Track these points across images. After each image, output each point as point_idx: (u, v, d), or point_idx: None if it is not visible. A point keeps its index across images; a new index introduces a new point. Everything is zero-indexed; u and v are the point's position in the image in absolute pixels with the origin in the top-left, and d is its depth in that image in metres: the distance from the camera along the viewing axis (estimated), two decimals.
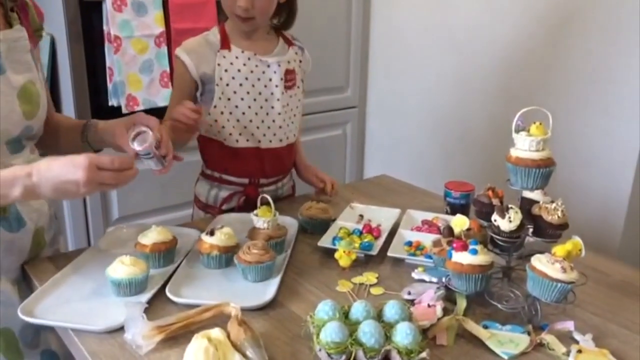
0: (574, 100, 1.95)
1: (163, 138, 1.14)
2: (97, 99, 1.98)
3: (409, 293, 1.07)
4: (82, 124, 1.24)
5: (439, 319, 0.96)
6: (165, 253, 1.16)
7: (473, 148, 2.31)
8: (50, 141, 1.25)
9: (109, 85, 1.96)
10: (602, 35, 1.84)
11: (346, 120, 2.73)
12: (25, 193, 0.98)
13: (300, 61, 1.49)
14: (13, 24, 1.09)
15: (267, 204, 1.23)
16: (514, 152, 1.01)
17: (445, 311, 0.99)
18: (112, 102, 1.97)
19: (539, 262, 0.96)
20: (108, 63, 1.94)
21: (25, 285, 1.15)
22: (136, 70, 1.96)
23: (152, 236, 1.15)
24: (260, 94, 1.41)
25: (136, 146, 1.11)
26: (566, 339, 0.95)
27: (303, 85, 1.51)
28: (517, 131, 1.00)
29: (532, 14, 2.03)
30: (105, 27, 1.91)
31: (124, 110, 1.96)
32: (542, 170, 0.98)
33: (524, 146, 0.99)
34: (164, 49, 1.99)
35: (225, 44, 1.39)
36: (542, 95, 2.04)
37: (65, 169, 0.97)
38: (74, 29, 1.88)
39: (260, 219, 1.21)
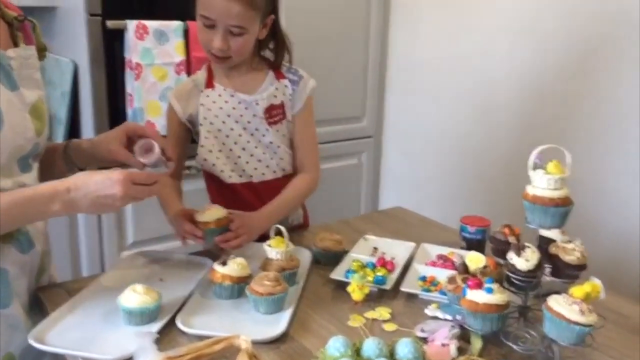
0: (595, 136, 1.93)
1: (162, 142, 1.17)
2: (116, 124, 1.98)
3: (422, 330, 1.05)
4: (62, 146, 1.24)
5: (453, 359, 0.94)
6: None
7: (490, 182, 2.29)
8: (47, 165, 1.22)
9: (129, 111, 1.99)
10: (623, 71, 1.83)
11: (362, 149, 2.74)
12: (64, 208, 1.00)
13: (291, 93, 1.43)
14: (19, 42, 1.10)
15: (281, 234, 1.23)
16: (531, 190, 0.99)
17: (460, 350, 0.97)
18: None
19: (557, 303, 0.94)
20: (128, 89, 1.97)
21: (37, 308, 1.15)
22: (156, 97, 1.99)
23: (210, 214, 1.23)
24: (245, 129, 1.40)
25: (146, 160, 1.14)
26: None
27: (303, 116, 1.45)
28: (534, 168, 0.99)
29: (554, 47, 2.03)
30: (126, 55, 1.94)
31: None
32: (560, 209, 0.97)
33: (541, 184, 0.98)
34: (183, 76, 2.02)
35: (209, 82, 1.40)
36: (561, 132, 2.03)
37: (102, 184, 1.01)
38: (96, 56, 1.92)
39: (273, 249, 1.21)
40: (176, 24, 1.99)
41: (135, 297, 1.04)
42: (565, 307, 0.92)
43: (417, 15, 2.53)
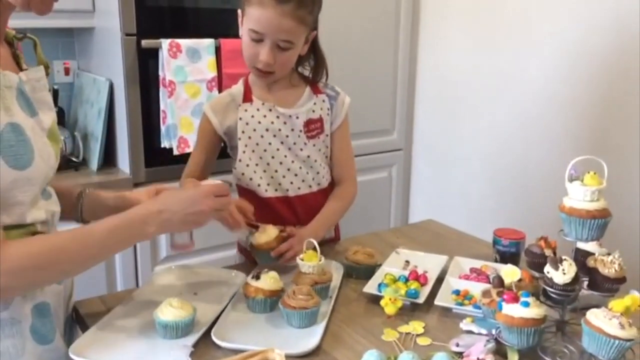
0: (632, 147, 1.89)
1: None
2: (150, 141, 2.05)
3: (457, 345, 1.03)
4: (76, 192, 1.19)
5: None
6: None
7: (523, 195, 2.26)
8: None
9: (162, 128, 2.03)
10: None
11: (392, 162, 2.73)
12: (158, 229, 1.04)
13: (329, 108, 1.45)
14: (21, 63, 1.04)
15: (313, 248, 1.23)
16: (568, 202, 0.98)
17: None
18: (165, 143, 2.04)
19: (595, 317, 0.92)
20: (162, 106, 2.02)
21: (70, 333, 1.15)
22: (188, 114, 2.03)
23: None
24: (282, 143, 1.41)
25: (177, 236, 1.16)
26: None
27: (342, 130, 1.48)
28: (571, 180, 0.98)
29: (588, 60, 2.00)
30: (160, 73, 1.99)
31: (175, 152, 2.02)
32: (598, 221, 0.95)
33: (578, 196, 0.96)
34: (215, 92, 2.05)
35: (247, 96, 1.41)
36: (597, 142, 1.99)
37: (189, 201, 1.06)
38: (131, 75, 1.97)
39: (306, 263, 1.21)
40: (208, 42, 2.04)
41: (170, 310, 1.06)
42: (605, 321, 0.90)
43: (447, 28, 2.52)
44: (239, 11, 1.34)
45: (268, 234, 1.30)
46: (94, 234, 0.99)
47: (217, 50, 2.06)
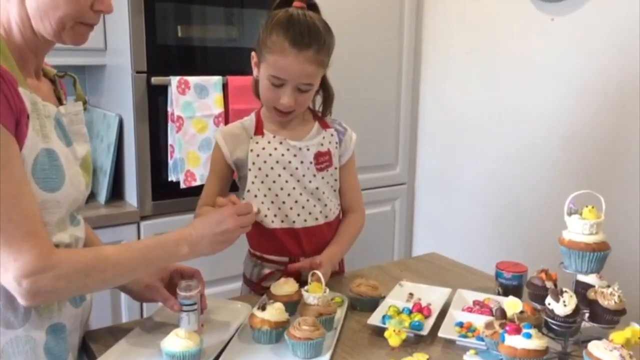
0: (630, 181, 1.92)
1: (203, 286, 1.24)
2: (157, 175, 2.08)
3: None
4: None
5: None
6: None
7: (526, 228, 2.27)
8: None
9: (170, 162, 2.07)
10: None
11: (395, 196, 2.76)
12: (191, 251, 1.10)
13: (337, 142, 1.50)
14: (61, 98, 1.13)
15: (318, 280, 1.25)
16: (567, 235, 1.01)
17: None
18: (172, 177, 2.07)
19: (597, 348, 0.93)
20: (170, 141, 2.06)
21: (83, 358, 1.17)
22: (195, 148, 2.07)
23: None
24: (292, 175, 1.43)
25: (185, 294, 1.18)
26: None
27: (350, 164, 1.53)
28: (570, 214, 1.00)
29: (589, 93, 2.04)
30: (169, 108, 2.04)
31: (182, 185, 2.06)
32: (597, 254, 0.98)
33: (577, 229, 0.99)
34: (222, 128, 2.10)
35: (259, 129, 1.45)
36: (597, 176, 2.02)
37: (215, 223, 1.13)
38: (140, 110, 2.02)
39: (311, 295, 1.23)
40: (215, 79, 2.09)
41: (177, 341, 1.07)
42: (606, 352, 0.91)
43: (449, 63, 2.58)
44: (253, 54, 1.39)
45: (289, 286, 1.30)
46: (134, 248, 1.09)
47: (224, 87, 2.11)
